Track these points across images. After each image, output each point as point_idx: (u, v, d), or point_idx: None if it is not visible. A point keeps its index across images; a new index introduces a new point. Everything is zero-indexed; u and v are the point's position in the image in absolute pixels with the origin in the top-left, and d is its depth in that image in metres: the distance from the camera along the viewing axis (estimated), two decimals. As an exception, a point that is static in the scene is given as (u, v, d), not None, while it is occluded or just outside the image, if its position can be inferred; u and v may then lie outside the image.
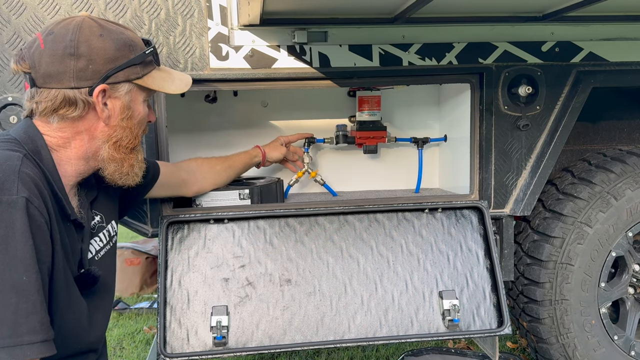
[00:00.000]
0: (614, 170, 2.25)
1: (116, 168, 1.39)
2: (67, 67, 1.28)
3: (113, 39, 1.32)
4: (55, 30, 1.30)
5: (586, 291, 2.24)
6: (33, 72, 1.29)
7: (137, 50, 1.37)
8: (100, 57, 1.30)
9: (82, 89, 1.29)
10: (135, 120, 1.41)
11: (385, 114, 2.45)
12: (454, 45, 2.03)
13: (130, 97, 1.37)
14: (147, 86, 1.40)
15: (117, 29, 1.36)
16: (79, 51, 1.28)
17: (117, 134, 1.37)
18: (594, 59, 2.11)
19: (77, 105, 1.30)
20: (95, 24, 1.32)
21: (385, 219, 2.04)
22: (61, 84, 1.28)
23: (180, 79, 1.52)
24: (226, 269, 1.89)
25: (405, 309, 1.92)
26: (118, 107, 1.35)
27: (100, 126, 1.35)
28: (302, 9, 1.79)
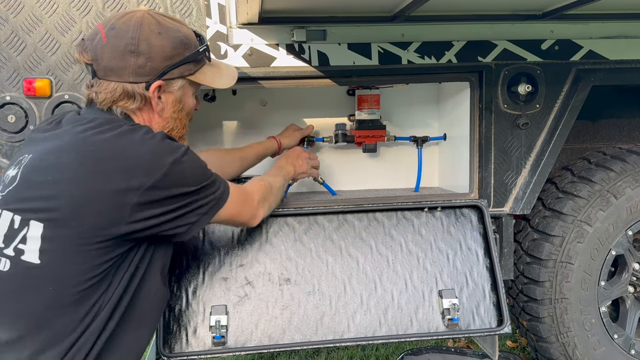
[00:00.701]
0: (613, 169, 2.25)
1: None
2: (127, 63, 1.37)
3: (170, 38, 1.42)
4: (117, 26, 1.38)
5: (586, 290, 2.23)
6: (95, 64, 1.39)
7: (191, 47, 1.47)
8: (158, 55, 1.40)
9: (139, 84, 1.39)
10: (185, 112, 1.53)
11: (384, 112, 2.44)
12: (453, 44, 2.02)
13: (182, 91, 1.49)
14: (199, 82, 1.52)
15: (174, 26, 1.45)
16: (139, 49, 1.37)
17: (169, 125, 1.49)
18: (593, 57, 2.11)
19: (135, 98, 1.40)
20: (155, 21, 1.41)
21: (385, 218, 2.03)
22: (120, 77, 1.38)
23: (228, 73, 1.63)
24: (225, 268, 1.89)
25: (404, 308, 1.91)
26: (171, 100, 1.47)
27: (155, 118, 1.47)
28: (300, 7, 1.78)
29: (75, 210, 1.24)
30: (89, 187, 1.25)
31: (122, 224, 1.26)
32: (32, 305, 1.25)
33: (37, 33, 1.84)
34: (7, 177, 1.34)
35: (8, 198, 1.30)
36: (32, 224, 1.25)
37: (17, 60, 1.85)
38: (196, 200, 1.39)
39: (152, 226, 1.31)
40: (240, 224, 1.72)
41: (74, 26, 1.85)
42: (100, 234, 1.25)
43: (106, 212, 1.25)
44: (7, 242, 1.27)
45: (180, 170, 1.33)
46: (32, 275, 1.25)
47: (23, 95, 1.86)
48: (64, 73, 1.87)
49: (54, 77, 1.87)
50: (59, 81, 1.87)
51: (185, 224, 1.39)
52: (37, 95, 1.86)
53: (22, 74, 1.85)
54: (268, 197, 1.74)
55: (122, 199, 1.25)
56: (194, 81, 1.51)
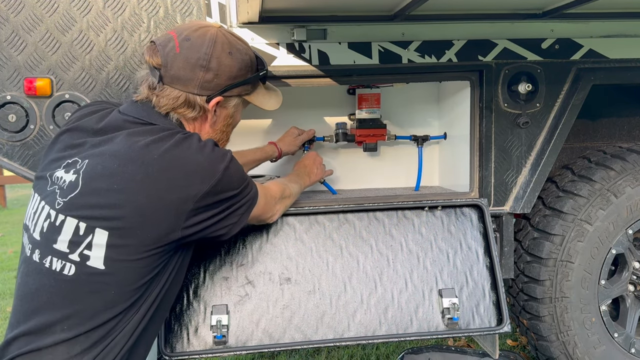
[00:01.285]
0: (614, 168, 2.25)
1: None
2: (196, 75, 1.44)
3: (239, 60, 1.50)
4: (192, 38, 1.45)
5: (586, 289, 2.23)
6: (163, 70, 1.44)
7: (253, 70, 1.56)
8: (225, 74, 1.48)
9: (202, 97, 1.47)
10: (232, 126, 1.64)
11: (384, 111, 2.44)
12: (453, 43, 2.02)
13: (235, 108, 1.59)
14: (252, 102, 1.62)
15: (243, 48, 1.53)
16: (210, 65, 1.44)
17: (217, 136, 1.58)
18: (594, 56, 2.10)
19: (194, 109, 1.47)
20: (227, 40, 1.48)
21: (385, 217, 2.03)
22: (186, 88, 1.45)
23: (276, 97, 1.73)
24: (226, 267, 1.89)
25: (405, 307, 1.91)
26: (224, 115, 1.56)
27: (206, 128, 1.54)
28: (301, 6, 1.78)
29: (141, 219, 1.30)
30: (154, 196, 1.30)
31: (177, 230, 1.34)
32: (93, 306, 1.31)
33: (37, 32, 1.84)
34: (64, 181, 1.35)
35: (71, 204, 1.32)
36: (97, 231, 1.29)
37: (18, 59, 1.85)
38: (238, 201, 1.46)
39: (201, 230, 1.39)
40: (260, 221, 1.76)
41: (74, 25, 1.85)
42: (160, 241, 1.33)
43: (166, 220, 1.32)
44: (73, 248, 1.31)
45: (229, 175, 1.40)
46: (96, 280, 1.31)
47: (24, 94, 1.86)
48: (64, 72, 1.87)
49: (54, 77, 1.87)
50: (59, 80, 1.87)
51: (228, 224, 1.47)
52: (37, 94, 1.86)
53: (22, 73, 1.85)
54: (285, 199, 1.82)
55: (181, 206, 1.32)
56: (248, 100, 1.61)
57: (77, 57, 1.87)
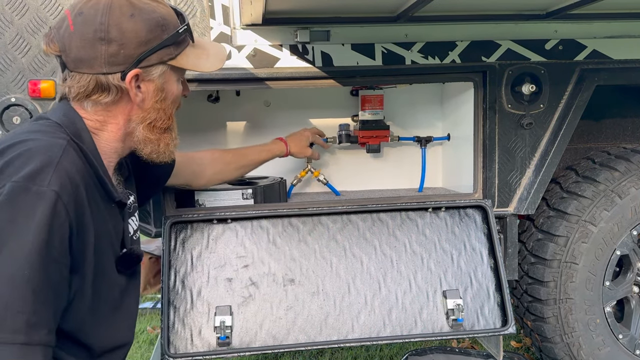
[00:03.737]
0: (618, 169, 2.24)
1: (153, 149, 1.38)
2: (98, 52, 1.22)
3: (145, 20, 1.25)
4: (85, 10, 1.23)
5: (590, 290, 2.23)
6: (64, 55, 1.25)
7: (170, 29, 1.30)
8: (132, 41, 1.24)
9: (114, 74, 1.25)
10: (169, 101, 1.37)
11: (388, 113, 2.44)
12: (456, 44, 2.02)
13: (163, 78, 1.33)
14: (181, 66, 1.36)
15: (149, 6, 1.28)
16: (109, 35, 1.22)
17: (151, 116, 1.34)
18: (597, 56, 2.10)
19: (110, 91, 1.26)
20: (126, 2, 1.25)
21: (389, 218, 2.03)
22: (92, 69, 1.24)
23: (215, 53, 1.45)
24: (229, 269, 1.89)
25: (409, 309, 1.91)
26: (152, 89, 1.31)
27: (135, 109, 1.32)
28: (304, 8, 1.78)
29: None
30: None
31: None
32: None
33: (41, 35, 1.84)
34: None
35: None
36: None
37: (22, 61, 1.85)
38: None
39: None
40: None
41: (78, 28, 1.85)
42: None
43: None
44: None
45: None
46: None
47: (28, 96, 1.87)
48: (68, 74, 1.87)
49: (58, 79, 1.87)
50: (63, 83, 1.88)
51: None
52: (42, 96, 1.86)
53: (27, 75, 1.86)
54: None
55: None
56: (176, 66, 1.35)
57: (81, 59, 1.87)
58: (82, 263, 1.19)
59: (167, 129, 1.39)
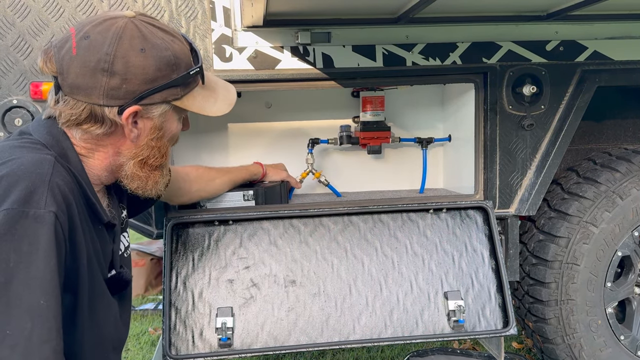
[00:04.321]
0: (619, 170, 2.24)
1: (139, 185, 1.28)
2: (97, 82, 1.13)
3: (155, 57, 1.16)
4: (92, 35, 1.14)
5: (592, 291, 2.22)
6: (60, 78, 1.16)
7: (180, 69, 1.20)
8: (136, 78, 1.15)
9: (111, 108, 1.15)
10: (166, 139, 1.27)
11: (389, 114, 2.44)
12: (457, 45, 2.03)
13: (164, 117, 1.23)
14: (186, 108, 1.26)
15: (162, 42, 1.18)
16: (113, 68, 1.13)
17: (144, 153, 1.24)
18: (598, 57, 2.10)
19: (103, 123, 1.17)
20: (139, 34, 1.16)
21: (390, 220, 2.03)
22: (89, 98, 1.15)
23: (224, 97, 1.34)
24: (231, 270, 1.89)
25: (410, 310, 1.91)
26: (149, 127, 1.22)
27: (127, 144, 1.23)
28: (305, 9, 1.79)
29: None
30: None
31: None
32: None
33: (43, 37, 1.85)
34: None
35: None
36: None
37: (24, 64, 1.86)
38: None
39: None
40: None
41: (80, 30, 1.86)
42: None
43: None
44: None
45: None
46: None
47: (30, 98, 1.87)
48: (70, 76, 1.87)
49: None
50: (65, 84, 1.88)
51: None
52: (43, 98, 1.87)
53: (29, 77, 1.87)
54: None
55: None
56: (181, 107, 1.25)
57: (83, 61, 1.87)
58: (76, 282, 1.15)
59: (159, 166, 1.29)
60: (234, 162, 2.42)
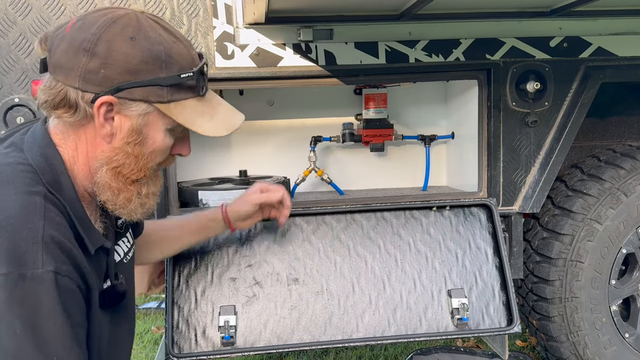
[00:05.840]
0: (623, 167, 2.23)
1: (109, 197, 1.16)
2: (77, 62, 1.07)
3: (143, 48, 1.08)
4: (88, 18, 1.10)
5: (596, 289, 2.21)
6: (48, 56, 1.10)
7: (171, 69, 1.11)
8: (117, 65, 1.07)
9: (86, 93, 1.08)
10: (147, 150, 1.15)
11: (391, 111, 2.43)
12: (460, 42, 2.01)
13: (144, 120, 1.12)
14: (171, 116, 1.13)
15: (158, 37, 1.11)
16: (95, 49, 1.06)
17: (119, 159, 1.13)
18: (602, 54, 2.09)
19: (75, 110, 1.09)
20: (136, 24, 1.10)
21: (393, 218, 2.03)
22: (66, 79, 1.08)
23: (224, 119, 1.22)
24: (233, 268, 1.89)
25: (413, 308, 1.90)
26: (126, 127, 1.11)
27: (102, 144, 1.13)
28: (307, 6, 1.78)
29: None
30: None
31: None
32: None
33: (45, 35, 1.84)
34: None
35: None
36: None
37: (26, 62, 1.86)
38: None
39: None
40: None
41: (81, 28, 1.85)
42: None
43: None
44: None
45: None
46: None
47: (32, 97, 1.87)
48: (71, 74, 1.87)
49: None
50: (67, 83, 1.88)
51: None
52: (45, 97, 1.86)
53: (30, 75, 1.86)
54: None
55: None
56: (165, 113, 1.13)
57: (85, 59, 1.87)
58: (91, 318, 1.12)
59: (136, 181, 1.17)
60: (236, 160, 2.42)
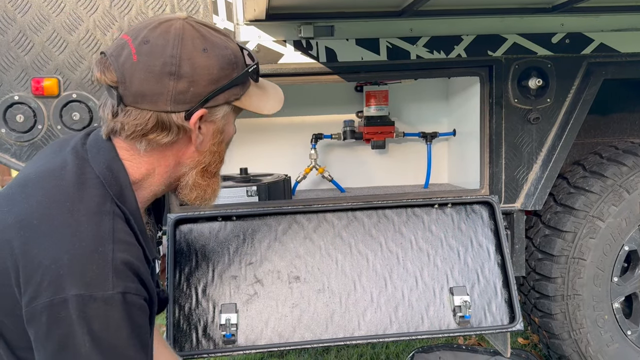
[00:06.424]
0: (626, 163, 2.22)
1: (198, 194, 1.24)
2: (165, 87, 1.09)
3: (217, 56, 1.13)
4: (152, 40, 1.10)
5: (599, 286, 2.21)
6: (122, 87, 1.10)
7: (239, 67, 1.17)
8: (203, 79, 1.11)
9: (178, 113, 1.11)
10: (225, 143, 1.25)
11: (393, 108, 2.42)
12: (462, 38, 2.00)
13: (225, 120, 1.20)
14: (245, 108, 1.22)
15: (221, 41, 1.16)
16: (180, 71, 1.09)
17: (206, 160, 1.22)
18: (605, 50, 2.08)
19: (170, 130, 1.13)
20: (198, 34, 1.13)
21: (394, 215, 2.02)
22: (155, 105, 1.10)
23: (274, 94, 1.31)
24: (234, 266, 1.88)
25: (415, 306, 1.90)
26: (211, 131, 1.19)
27: (190, 152, 1.19)
28: (308, 3, 1.77)
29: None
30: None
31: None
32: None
33: (44, 32, 1.84)
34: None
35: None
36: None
37: (25, 59, 1.85)
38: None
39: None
40: None
41: (81, 25, 1.85)
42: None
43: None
44: None
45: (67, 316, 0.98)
46: None
47: (31, 94, 1.86)
48: (71, 72, 1.86)
49: (61, 76, 1.87)
50: (67, 80, 1.87)
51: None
52: (45, 94, 1.86)
53: (30, 73, 1.85)
54: None
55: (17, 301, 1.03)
56: (239, 107, 1.22)
57: (84, 57, 1.86)
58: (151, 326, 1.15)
59: (216, 173, 1.28)
60: (237, 158, 2.41)
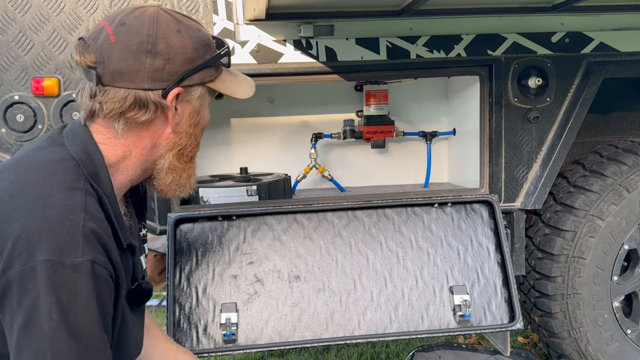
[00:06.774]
0: (625, 162, 2.22)
1: (174, 178, 1.26)
2: (141, 64, 1.13)
3: (191, 37, 1.19)
4: (128, 21, 1.15)
5: (598, 285, 2.21)
6: (100, 67, 1.14)
7: (212, 50, 1.23)
8: (178, 57, 1.16)
9: (155, 91, 1.15)
10: (201, 126, 1.29)
11: (392, 108, 2.42)
12: (462, 37, 2.01)
13: (200, 101, 1.25)
14: (219, 90, 1.28)
15: (193, 24, 1.22)
16: (157, 48, 1.14)
17: (183, 142, 1.25)
18: (604, 49, 2.08)
19: (147, 108, 1.16)
20: (171, 17, 1.19)
21: (394, 214, 2.02)
22: (133, 83, 1.14)
23: (246, 81, 1.37)
24: (234, 266, 1.88)
25: (415, 305, 1.90)
26: (187, 112, 1.23)
27: (166, 133, 1.22)
28: (308, 2, 1.77)
29: None
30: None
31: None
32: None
33: (44, 32, 1.84)
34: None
35: None
36: None
37: (25, 59, 1.85)
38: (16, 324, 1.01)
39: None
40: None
41: (81, 24, 1.85)
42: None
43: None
44: None
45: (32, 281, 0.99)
46: None
47: (31, 94, 1.86)
48: (71, 72, 1.87)
49: (61, 76, 1.87)
50: (66, 80, 1.87)
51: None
52: (45, 94, 1.86)
53: (30, 73, 1.86)
54: None
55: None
56: (214, 89, 1.27)
57: (84, 56, 1.86)
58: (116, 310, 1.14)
59: (193, 157, 1.31)
60: (237, 157, 2.41)
